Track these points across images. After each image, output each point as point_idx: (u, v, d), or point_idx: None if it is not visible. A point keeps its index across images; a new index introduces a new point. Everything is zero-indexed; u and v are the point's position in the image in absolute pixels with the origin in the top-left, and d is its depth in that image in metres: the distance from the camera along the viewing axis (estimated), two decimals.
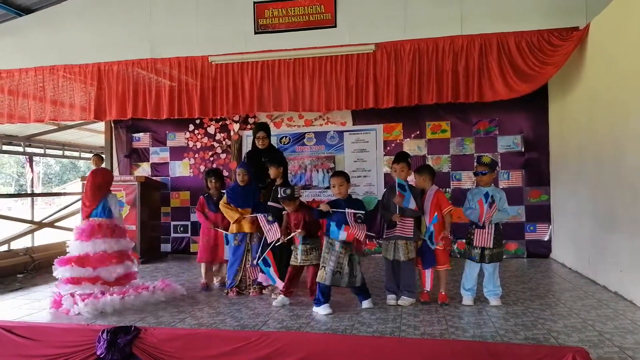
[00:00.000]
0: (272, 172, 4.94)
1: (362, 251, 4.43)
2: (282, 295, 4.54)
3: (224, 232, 5.08)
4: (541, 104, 6.72)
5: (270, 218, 4.67)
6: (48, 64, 6.98)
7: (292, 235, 4.58)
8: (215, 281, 5.37)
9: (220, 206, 5.03)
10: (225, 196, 5.07)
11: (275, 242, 4.64)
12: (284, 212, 4.70)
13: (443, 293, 4.41)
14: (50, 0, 7.08)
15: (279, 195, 4.58)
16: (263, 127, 5.42)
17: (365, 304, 4.33)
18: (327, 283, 4.18)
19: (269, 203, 4.84)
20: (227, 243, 5.07)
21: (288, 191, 4.52)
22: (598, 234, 5.10)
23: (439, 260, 4.39)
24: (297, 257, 4.57)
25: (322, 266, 4.24)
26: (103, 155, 8.25)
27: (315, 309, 4.21)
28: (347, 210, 4.20)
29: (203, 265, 5.29)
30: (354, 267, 4.24)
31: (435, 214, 4.34)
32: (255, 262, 4.83)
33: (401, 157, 4.56)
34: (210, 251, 5.27)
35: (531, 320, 3.87)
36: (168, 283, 4.98)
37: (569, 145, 6.05)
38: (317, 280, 4.24)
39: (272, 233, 4.64)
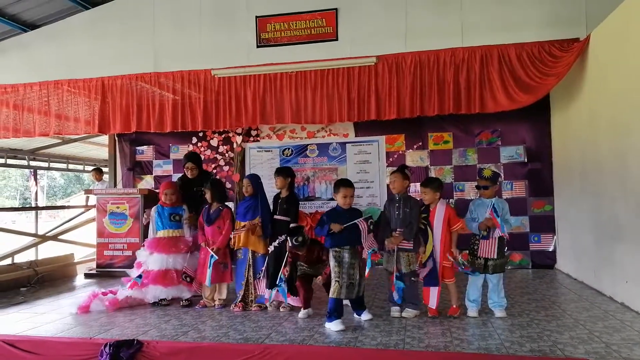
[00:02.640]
0: (279, 182, 4.80)
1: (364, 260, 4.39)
2: (303, 310, 4.50)
3: (211, 252, 4.83)
4: (543, 115, 6.72)
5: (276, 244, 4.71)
6: (53, 79, 7.06)
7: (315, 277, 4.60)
8: (217, 303, 4.97)
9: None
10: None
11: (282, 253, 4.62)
12: (291, 226, 4.64)
13: (454, 306, 4.35)
14: (55, 16, 7.19)
15: (290, 244, 4.52)
16: (191, 158, 5.45)
17: (365, 315, 4.29)
18: (343, 297, 4.12)
19: (275, 216, 4.79)
20: (210, 266, 4.81)
21: (300, 239, 4.41)
22: (603, 244, 5.07)
23: (445, 275, 4.33)
24: (304, 266, 4.56)
25: (336, 281, 4.14)
26: (102, 168, 8.28)
27: (327, 324, 4.09)
28: (359, 221, 4.15)
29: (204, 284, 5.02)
30: (361, 276, 4.22)
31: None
32: (263, 278, 4.75)
33: (398, 167, 4.54)
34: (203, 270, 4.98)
35: (537, 332, 3.83)
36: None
37: (572, 155, 6.04)
38: (331, 295, 4.13)
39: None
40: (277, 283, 4.57)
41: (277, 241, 4.69)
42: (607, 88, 4.96)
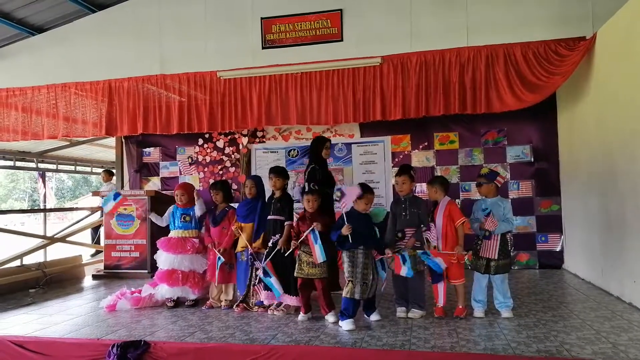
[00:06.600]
0: (278, 183, 4.76)
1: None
2: (303, 314, 4.43)
3: (217, 253, 4.90)
4: (550, 114, 6.68)
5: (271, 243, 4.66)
6: (60, 81, 7.12)
7: (304, 234, 4.35)
8: (224, 304, 5.00)
9: None
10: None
11: (276, 252, 4.57)
12: (286, 223, 4.64)
13: (460, 307, 4.32)
14: (62, 19, 7.26)
15: (306, 190, 4.61)
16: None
17: (374, 316, 4.29)
18: (356, 297, 4.12)
19: (269, 217, 4.75)
20: (217, 267, 4.87)
21: (316, 186, 4.59)
22: (611, 243, 5.04)
23: (453, 274, 4.29)
24: (303, 269, 4.40)
25: (349, 280, 4.15)
26: (113, 170, 8.36)
27: (340, 322, 4.12)
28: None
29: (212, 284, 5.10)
30: (375, 276, 4.22)
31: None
32: (256, 273, 4.73)
33: (403, 169, 4.51)
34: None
35: (543, 332, 3.82)
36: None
37: (579, 155, 6.01)
38: (344, 295, 4.14)
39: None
40: (259, 275, 4.59)
41: (271, 241, 4.67)
42: (613, 86, 4.92)
